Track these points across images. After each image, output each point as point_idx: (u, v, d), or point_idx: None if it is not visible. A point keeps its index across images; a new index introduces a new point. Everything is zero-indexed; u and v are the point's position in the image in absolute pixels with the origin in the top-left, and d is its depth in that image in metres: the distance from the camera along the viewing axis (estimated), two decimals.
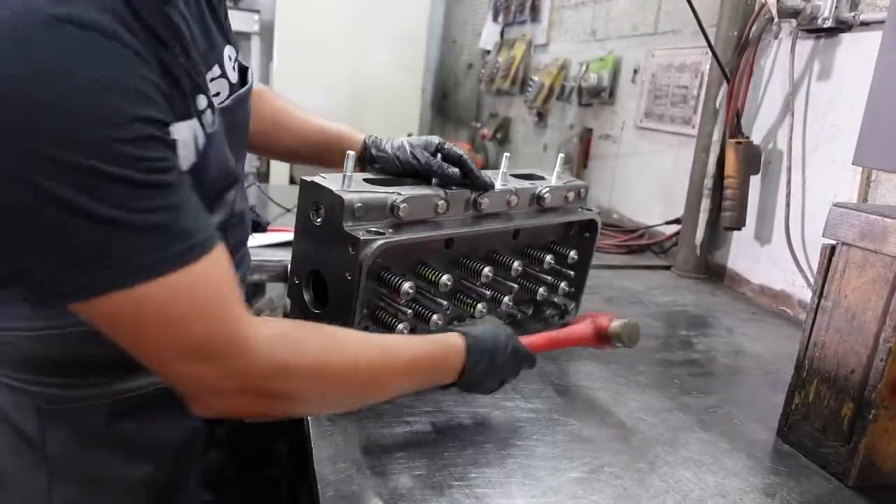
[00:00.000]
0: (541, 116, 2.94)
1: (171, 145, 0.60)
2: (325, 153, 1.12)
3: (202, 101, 0.69)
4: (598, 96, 2.42)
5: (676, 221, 1.91)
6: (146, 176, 0.55)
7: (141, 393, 0.81)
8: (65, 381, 0.75)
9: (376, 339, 0.76)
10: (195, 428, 0.90)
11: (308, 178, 0.89)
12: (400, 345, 0.77)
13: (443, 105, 4.50)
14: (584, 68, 2.50)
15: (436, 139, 1.00)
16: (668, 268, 1.86)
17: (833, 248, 0.87)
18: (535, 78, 2.87)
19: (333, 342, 0.70)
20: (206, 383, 0.61)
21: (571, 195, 1.13)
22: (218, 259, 0.60)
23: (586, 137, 2.54)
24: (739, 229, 1.66)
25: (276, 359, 0.63)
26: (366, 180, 0.94)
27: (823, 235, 0.88)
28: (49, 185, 0.51)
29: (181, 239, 0.57)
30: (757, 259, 1.68)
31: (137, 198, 0.54)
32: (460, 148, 1.00)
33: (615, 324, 0.95)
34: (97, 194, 0.52)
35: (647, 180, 2.17)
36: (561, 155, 1.18)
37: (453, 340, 0.80)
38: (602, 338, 0.96)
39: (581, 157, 2.55)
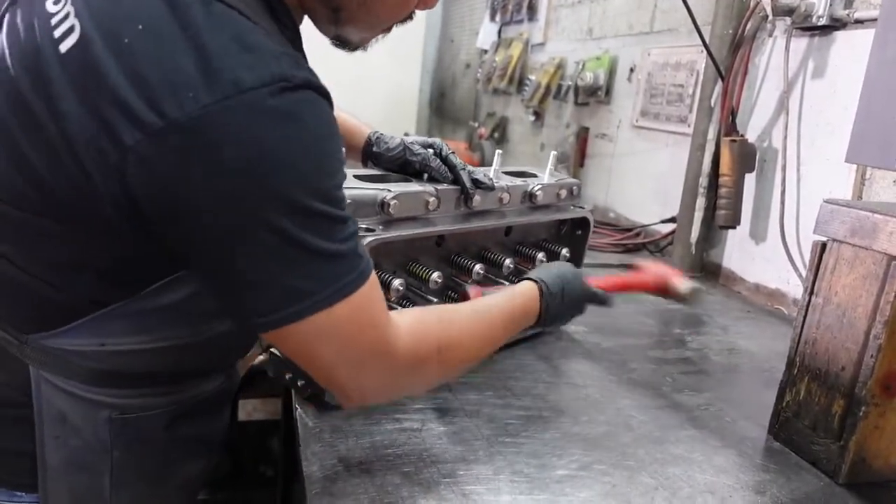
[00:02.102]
0: (538, 116, 2.94)
1: None
2: None
3: None
4: (595, 95, 2.42)
5: (672, 220, 1.91)
6: (343, 212, 0.63)
7: (202, 396, 0.83)
8: (142, 391, 0.77)
9: (478, 308, 0.83)
10: (232, 420, 0.97)
11: None
12: (495, 308, 0.84)
13: (440, 104, 4.50)
14: (580, 67, 2.50)
15: (439, 141, 1.02)
16: None
17: (824, 244, 0.87)
18: (532, 77, 2.87)
19: (449, 323, 0.77)
20: (367, 383, 0.68)
21: (563, 193, 1.13)
22: (374, 271, 0.67)
23: (583, 136, 2.54)
24: (734, 227, 1.65)
25: (416, 351, 0.70)
26: (356, 177, 0.94)
27: (815, 232, 0.88)
28: (283, 223, 0.57)
29: (361, 258, 0.64)
30: (752, 257, 1.67)
31: (340, 230, 0.62)
32: (458, 158, 1.01)
33: (685, 286, 1.01)
34: (320, 231, 0.60)
35: (643, 179, 2.17)
36: (553, 153, 1.17)
37: (531, 291, 0.89)
38: (665, 291, 1.02)
39: (577, 156, 2.54)
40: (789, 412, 0.91)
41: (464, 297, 0.94)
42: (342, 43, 0.80)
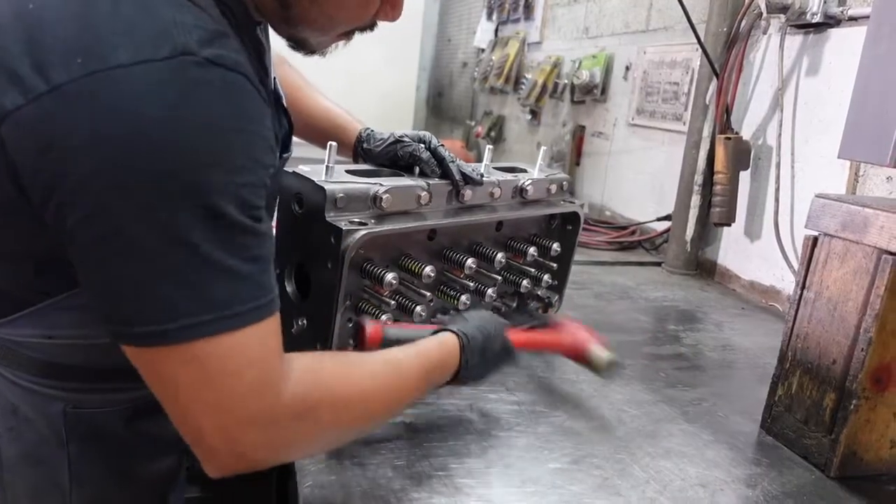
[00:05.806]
0: (534, 114, 2.94)
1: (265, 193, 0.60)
2: (324, 137, 1.11)
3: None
4: (591, 93, 2.42)
5: (667, 218, 1.91)
6: (252, 223, 0.55)
7: None
8: (96, 385, 0.75)
9: (389, 358, 0.73)
10: None
11: (289, 170, 0.88)
12: (409, 359, 0.74)
13: (437, 103, 4.50)
14: (576, 65, 2.50)
15: (429, 135, 1.01)
16: (658, 264, 1.86)
17: (815, 239, 0.87)
18: (529, 76, 2.87)
19: (350, 369, 0.68)
20: (240, 435, 0.57)
21: (554, 187, 1.13)
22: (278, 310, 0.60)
23: (579, 135, 2.54)
24: (729, 225, 1.66)
25: (304, 394, 0.60)
26: (348, 171, 0.94)
27: (806, 227, 0.88)
28: (162, 212, 0.51)
29: (266, 292, 0.57)
30: (747, 255, 1.68)
31: (242, 244, 0.55)
32: (447, 149, 1.00)
33: (596, 352, 0.92)
34: (214, 235, 0.52)
35: (639, 177, 2.17)
36: (543, 148, 1.17)
37: (451, 344, 0.79)
38: (582, 357, 0.93)
39: (574, 155, 2.55)
40: (781, 406, 0.91)
41: (360, 330, 0.84)
42: (298, 45, 0.74)
